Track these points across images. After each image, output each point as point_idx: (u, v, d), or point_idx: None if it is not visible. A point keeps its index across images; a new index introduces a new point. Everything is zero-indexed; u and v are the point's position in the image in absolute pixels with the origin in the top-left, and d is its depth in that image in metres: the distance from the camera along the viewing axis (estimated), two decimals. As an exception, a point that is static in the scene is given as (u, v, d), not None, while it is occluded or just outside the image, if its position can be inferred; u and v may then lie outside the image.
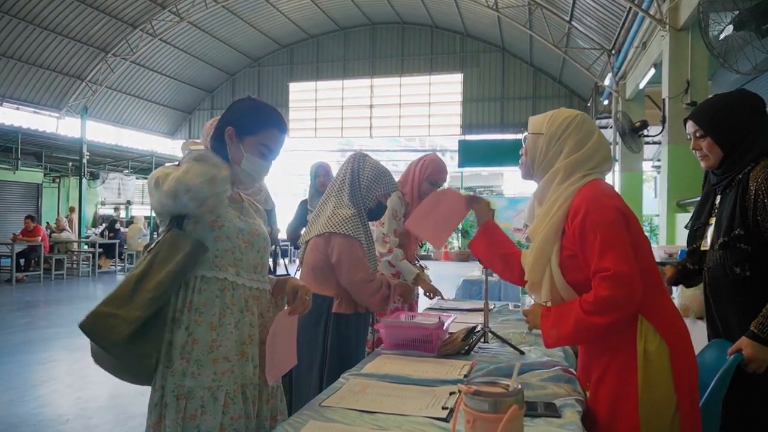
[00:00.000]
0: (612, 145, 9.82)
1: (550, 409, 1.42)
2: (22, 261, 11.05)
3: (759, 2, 3.73)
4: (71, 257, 12.39)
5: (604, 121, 12.42)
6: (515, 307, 3.11)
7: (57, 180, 16.79)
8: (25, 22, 14.01)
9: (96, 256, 12.26)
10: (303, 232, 2.43)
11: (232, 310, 1.48)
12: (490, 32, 17.76)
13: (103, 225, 15.01)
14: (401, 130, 20.37)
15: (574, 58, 12.99)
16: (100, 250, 12.59)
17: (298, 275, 2.53)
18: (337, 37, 20.36)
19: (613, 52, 10.63)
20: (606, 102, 12.28)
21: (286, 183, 21.70)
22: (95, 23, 15.41)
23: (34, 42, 14.81)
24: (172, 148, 20.54)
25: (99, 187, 16.51)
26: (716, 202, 1.87)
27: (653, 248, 1.70)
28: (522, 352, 2.07)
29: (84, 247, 12.80)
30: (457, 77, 19.46)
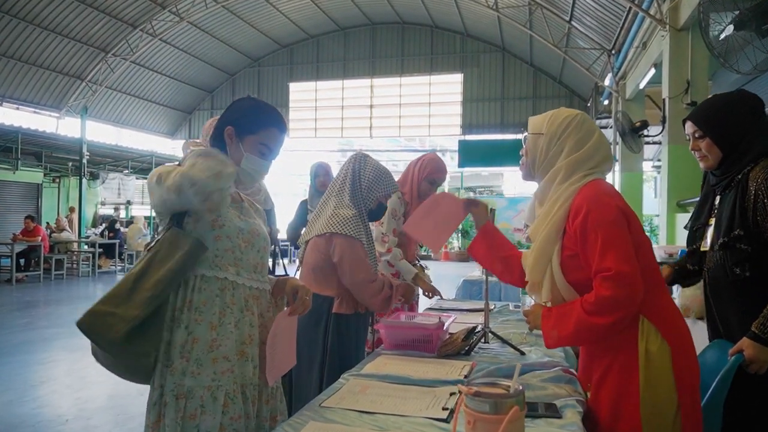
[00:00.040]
0: (612, 145, 9.82)
1: (550, 410, 1.41)
2: (22, 261, 11.06)
3: (759, 2, 3.72)
4: (71, 257, 12.39)
5: (605, 121, 12.42)
6: (515, 308, 3.11)
7: (57, 180, 16.79)
8: (25, 22, 14.01)
9: (96, 256, 12.27)
10: (303, 232, 2.42)
11: (232, 310, 1.48)
12: (490, 32, 17.76)
13: (103, 225, 15.00)
14: (401, 130, 20.36)
15: (574, 58, 12.98)
16: (100, 250, 12.60)
17: (298, 275, 2.53)
18: (337, 37, 20.36)
19: (613, 52, 10.63)
20: (606, 102, 12.28)
21: (286, 183, 21.70)
22: (95, 23, 15.41)
23: (34, 42, 14.81)
24: (172, 148, 20.55)
25: (99, 187, 16.51)
26: (716, 202, 1.86)
27: (653, 248, 1.70)
28: (522, 353, 2.06)
29: (84, 247, 12.80)
30: (457, 77, 19.45)
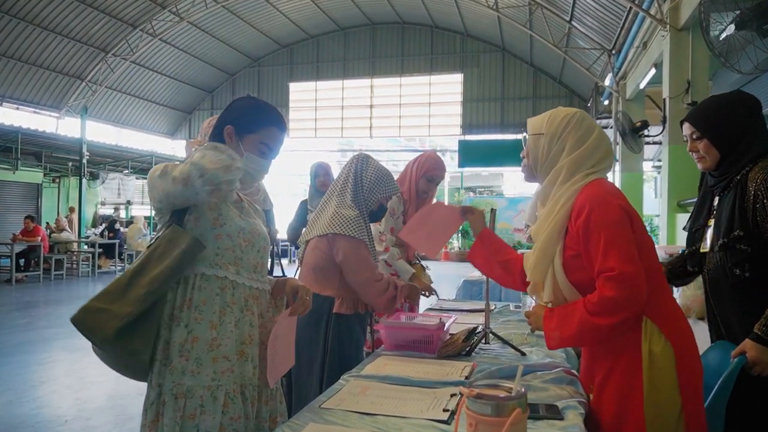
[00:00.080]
0: (612, 145, 9.80)
1: (552, 411, 1.40)
2: (22, 261, 11.05)
3: (760, 2, 3.72)
4: (71, 257, 12.38)
5: (605, 121, 12.40)
6: (516, 308, 3.10)
7: (57, 180, 16.78)
8: (25, 22, 14.00)
9: (96, 256, 12.26)
10: (303, 232, 2.41)
11: (233, 309, 1.47)
12: (490, 32, 17.75)
13: (103, 225, 14.99)
14: (401, 130, 20.35)
15: (574, 58, 12.97)
16: (100, 250, 12.59)
17: (298, 275, 2.52)
18: (337, 37, 20.35)
19: (614, 52, 10.62)
20: (606, 102, 12.27)
21: (286, 183, 21.70)
22: (95, 23, 15.40)
23: (34, 42, 14.80)
24: (172, 148, 20.55)
25: (99, 187, 16.49)
26: (714, 203, 1.86)
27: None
28: (523, 354, 2.06)
29: (84, 247, 12.79)
30: (457, 77, 19.44)
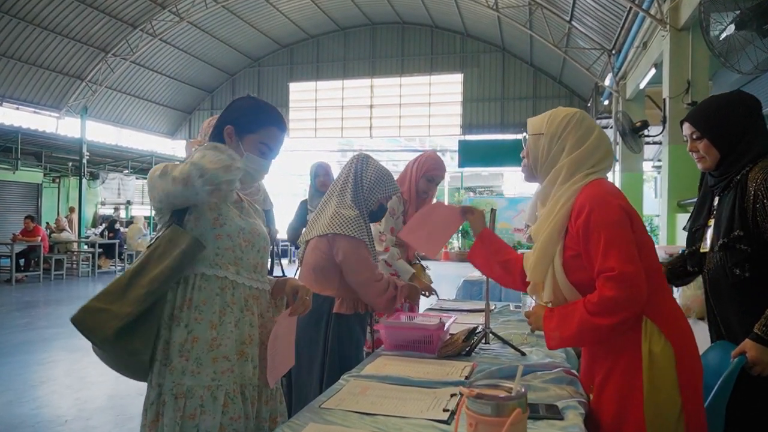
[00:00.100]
0: (612, 145, 9.81)
1: (552, 411, 1.40)
2: (22, 261, 11.05)
3: (760, 1, 3.71)
4: (71, 257, 12.38)
5: (605, 121, 12.40)
6: (516, 308, 3.10)
7: (57, 180, 16.78)
8: (25, 22, 14.00)
9: (96, 257, 12.26)
10: (303, 232, 2.41)
11: (233, 309, 1.47)
12: (490, 32, 17.75)
13: (103, 225, 14.99)
14: (401, 130, 20.35)
15: (574, 58, 12.97)
16: (100, 250, 12.59)
17: (298, 275, 2.52)
18: (337, 37, 20.35)
19: (614, 52, 10.62)
20: (606, 102, 12.27)
21: (286, 183, 21.70)
22: (95, 23, 15.40)
23: (34, 42, 14.80)
24: (172, 148, 20.54)
25: (99, 187, 16.49)
26: (714, 203, 1.86)
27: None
28: (523, 354, 2.06)
29: (84, 247, 12.79)
30: (457, 77, 19.44)
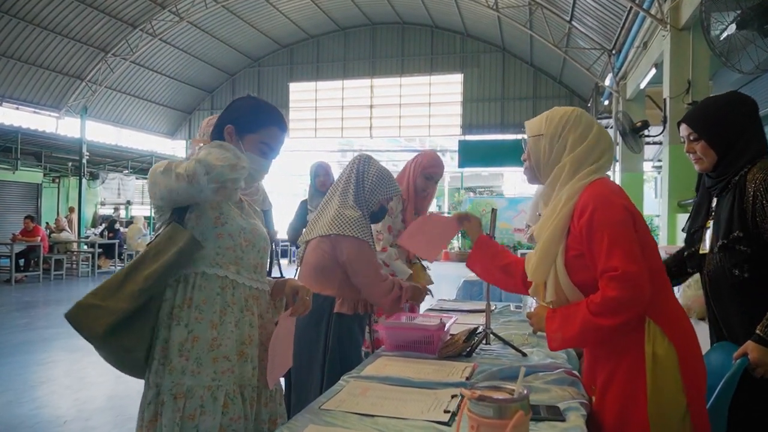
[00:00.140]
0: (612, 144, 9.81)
1: (553, 413, 1.39)
2: (22, 261, 11.05)
3: (761, 1, 3.71)
4: (71, 257, 12.37)
5: (605, 122, 12.39)
6: (517, 309, 3.09)
7: (57, 180, 16.77)
8: (25, 21, 13.99)
9: (95, 257, 12.26)
10: (304, 232, 2.40)
11: (233, 309, 1.47)
12: (491, 32, 17.74)
13: (103, 225, 14.99)
14: (401, 130, 20.34)
15: (574, 58, 12.97)
16: (100, 250, 12.59)
17: (298, 275, 2.51)
18: (337, 37, 20.34)
19: (614, 52, 10.61)
20: (606, 102, 12.26)
21: (286, 183, 21.70)
22: (95, 23, 15.39)
23: (34, 42, 14.79)
24: (172, 148, 20.56)
25: (99, 187, 16.51)
26: (713, 204, 1.85)
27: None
28: (524, 354, 2.04)
29: (83, 247, 12.79)
30: (457, 77, 19.43)
